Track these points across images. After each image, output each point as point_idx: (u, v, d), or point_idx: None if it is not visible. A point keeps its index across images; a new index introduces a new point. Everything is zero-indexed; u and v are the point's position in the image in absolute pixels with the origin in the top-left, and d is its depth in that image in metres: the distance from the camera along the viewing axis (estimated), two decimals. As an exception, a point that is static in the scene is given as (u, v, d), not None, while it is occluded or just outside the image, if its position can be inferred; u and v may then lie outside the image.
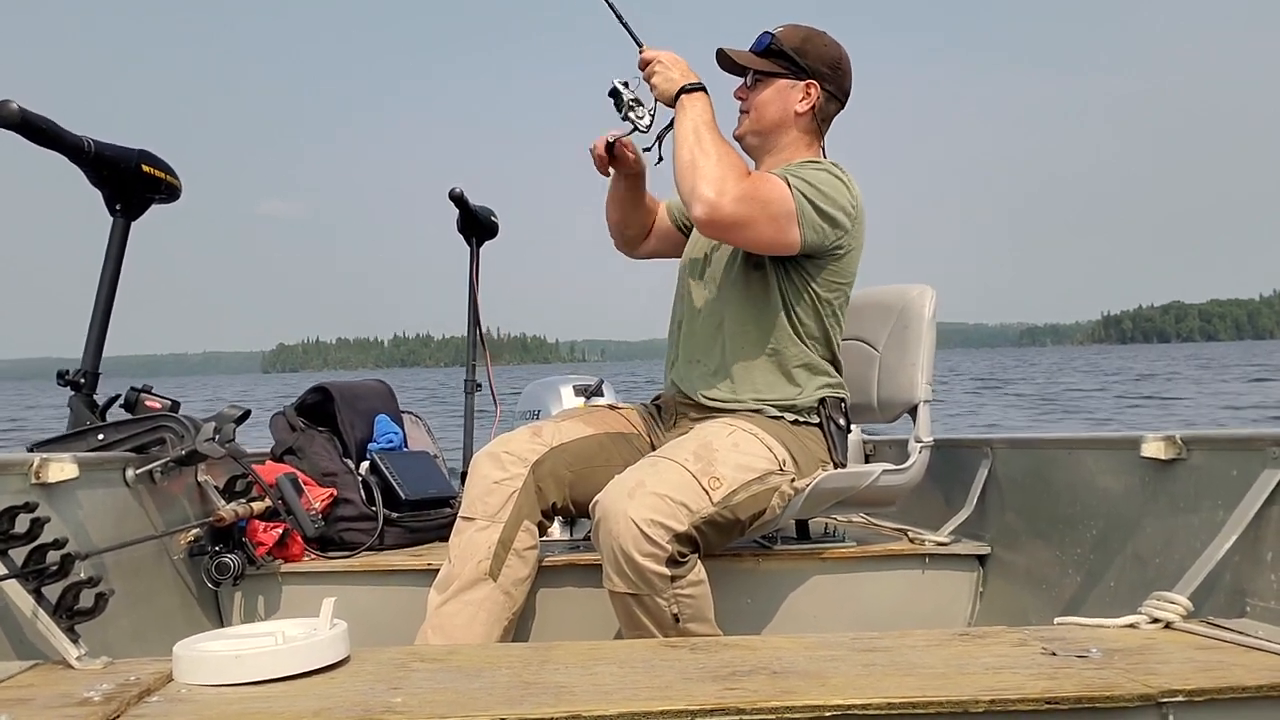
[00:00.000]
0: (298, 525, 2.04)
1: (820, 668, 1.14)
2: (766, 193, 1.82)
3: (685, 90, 1.87)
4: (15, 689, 1.12)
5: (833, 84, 2.02)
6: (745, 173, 1.82)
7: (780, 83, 2.01)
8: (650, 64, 1.92)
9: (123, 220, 2.13)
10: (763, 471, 1.82)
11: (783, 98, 2.01)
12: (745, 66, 2.03)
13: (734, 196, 1.78)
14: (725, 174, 1.79)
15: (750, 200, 1.79)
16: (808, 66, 2.00)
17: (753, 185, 1.81)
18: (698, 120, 1.84)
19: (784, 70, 2.00)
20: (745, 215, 1.79)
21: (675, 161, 1.85)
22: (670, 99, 1.89)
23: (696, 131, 1.83)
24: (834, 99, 2.04)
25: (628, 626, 1.72)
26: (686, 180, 1.82)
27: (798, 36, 2.01)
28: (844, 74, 2.04)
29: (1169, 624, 1.32)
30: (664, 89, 1.90)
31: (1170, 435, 1.61)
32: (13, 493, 1.43)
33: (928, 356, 2.15)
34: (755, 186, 1.81)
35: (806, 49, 2.00)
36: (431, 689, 1.09)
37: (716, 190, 1.77)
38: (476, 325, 2.89)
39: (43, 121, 1.90)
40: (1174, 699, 1.02)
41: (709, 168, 1.79)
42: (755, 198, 1.80)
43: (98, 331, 2.10)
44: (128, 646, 1.57)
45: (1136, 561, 1.67)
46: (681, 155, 1.83)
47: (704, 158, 1.80)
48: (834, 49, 2.03)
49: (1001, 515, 2.14)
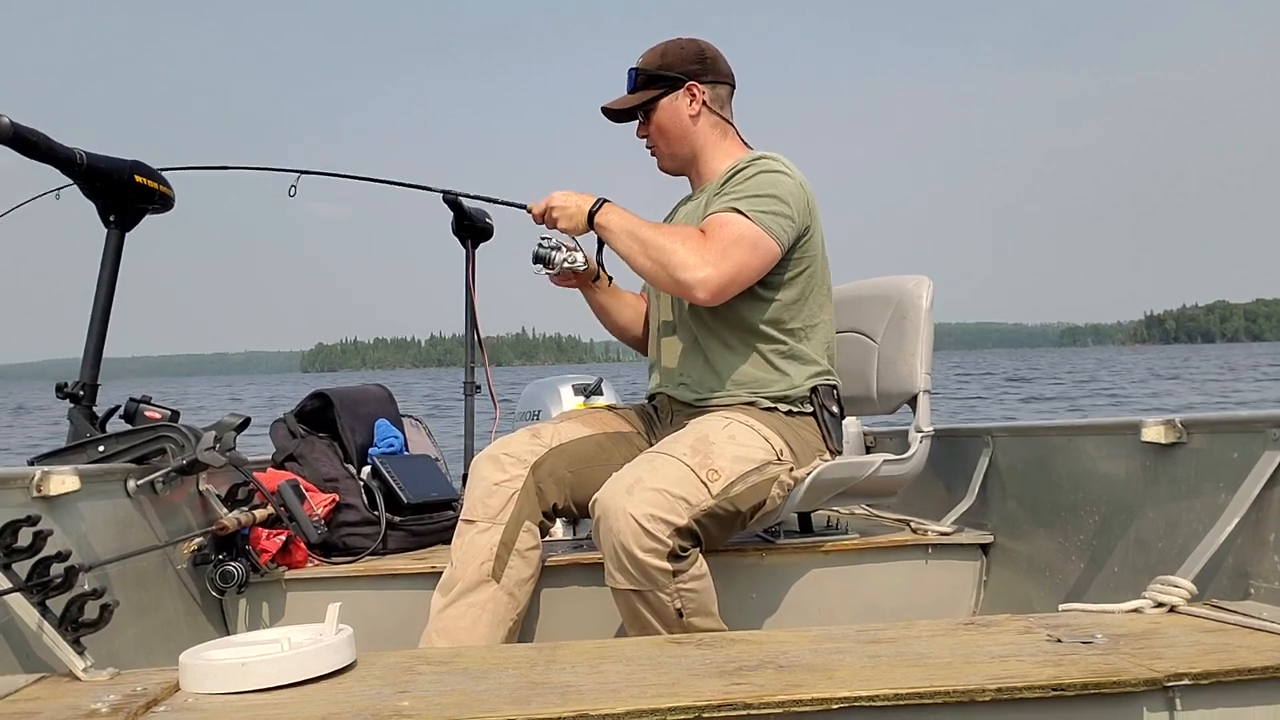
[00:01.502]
0: (300, 532, 2.04)
1: (826, 660, 1.14)
2: (729, 234, 1.85)
3: (593, 214, 1.94)
4: (23, 702, 1.12)
5: (708, 74, 2.06)
6: (700, 234, 1.87)
7: (664, 102, 2.05)
8: (546, 214, 1.99)
9: (117, 231, 2.13)
10: (761, 462, 1.83)
11: (674, 113, 2.05)
12: (632, 108, 2.08)
13: (713, 261, 1.83)
14: (688, 251, 1.84)
15: (725, 252, 1.84)
16: (679, 73, 2.04)
17: (716, 239, 1.85)
18: (624, 229, 1.91)
19: (662, 90, 2.05)
20: (733, 266, 1.84)
21: (640, 273, 1.93)
22: (584, 230, 1.97)
23: (633, 237, 1.90)
24: (718, 84, 2.07)
25: (631, 623, 1.73)
26: (664, 280, 1.89)
27: (656, 55, 2.07)
28: (713, 59, 2.08)
29: (1173, 608, 1.32)
30: (574, 225, 1.97)
31: (1170, 419, 1.61)
32: (14, 506, 1.43)
33: (926, 347, 2.15)
34: (718, 238, 1.85)
35: (668, 61, 2.05)
36: (438, 692, 1.09)
37: (696, 268, 1.83)
38: (473, 327, 2.89)
39: (34, 135, 1.89)
40: (1180, 682, 1.03)
41: (671, 257, 1.84)
42: (727, 247, 1.84)
43: (95, 343, 2.09)
44: (134, 657, 1.57)
45: (1139, 546, 1.67)
46: (641, 265, 1.90)
47: (659, 253, 1.86)
48: (690, 46, 2.07)
49: (1003, 504, 2.14)
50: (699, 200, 2.05)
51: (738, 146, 2.09)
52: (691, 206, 2.07)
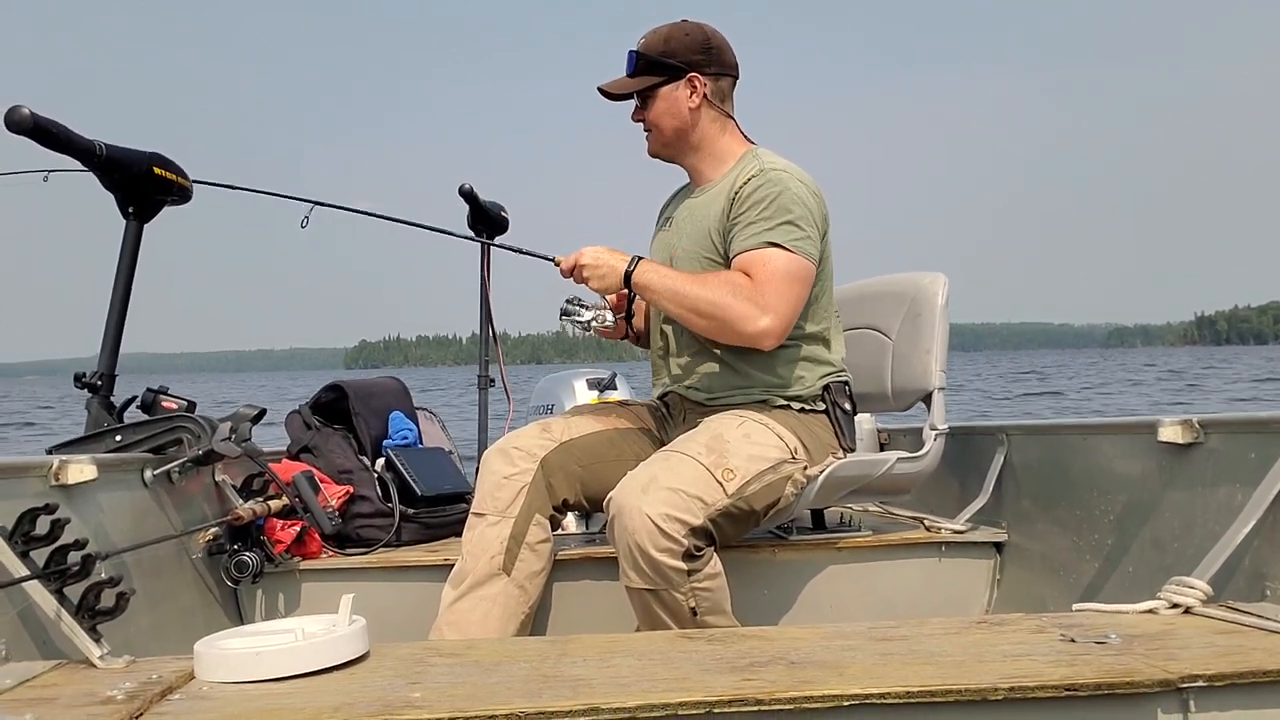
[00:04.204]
0: (315, 523, 2.05)
1: (838, 657, 1.14)
2: (777, 274, 1.84)
3: (629, 274, 1.88)
4: (40, 688, 1.13)
5: (712, 65, 2.00)
6: (745, 280, 1.85)
7: (664, 90, 1.99)
8: (576, 271, 1.92)
9: (135, 223, 2.14)
10: (775, 461, 1.82)
11: (673, 102, 2.00)
12: (630, 92, 2.03)
13: (771, 306, 1.82)
14: (741, 302, 1.82)
15: (779, 294, 1.83)
16: (681, 63, 1.99)
17: (766, 281, 1.83)
18: (667, 288, 1.87)
19: (662, 78, 1.99)
20: (789, 307, 1.85)
21: (695, 330, 1.92)
22: (617, 290, 1.92)
23: (679, 296, 1.86)
24: (721, 76, 2.02)
25: (645, 621, 1.73)
26: (725, 335, 1.88)
27: (659, 39, 2.00)
28: (718, 50, 2.02)
29: (1188, 609, 1.31)
30: (607, 285, 1.91)
31: (1187, 419, 1.60)
32: (33, 495, 1.45)
33: (941, 344, 2.14)
34: (768, 280, 1.84)
35: (672, 47, 1.99)
36: (450, 683, 1.09)
37: (756, 318, 1.82)
38: (488, 321, 2.89)
39: (54, 126, 1.91)
40: (1194, 684, 1.02)
41: (728, 312, 1.83)
42: (779, 288, 1.84)
43: (113, 334, 2.11)
44: (149, 645, 1.58)
45: (1155, 546, 1.66)
46: (695, 324, 1.89)
47: (713, 309, 1.84)
48: (697, 33, 2.01)
49: (1018, 502, 2.13)
50: (702, 199, 2.01)
51: (738, 142, 2.05)
52: (696, 205, 2.03)
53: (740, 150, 2.03)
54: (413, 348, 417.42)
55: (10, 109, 1.85)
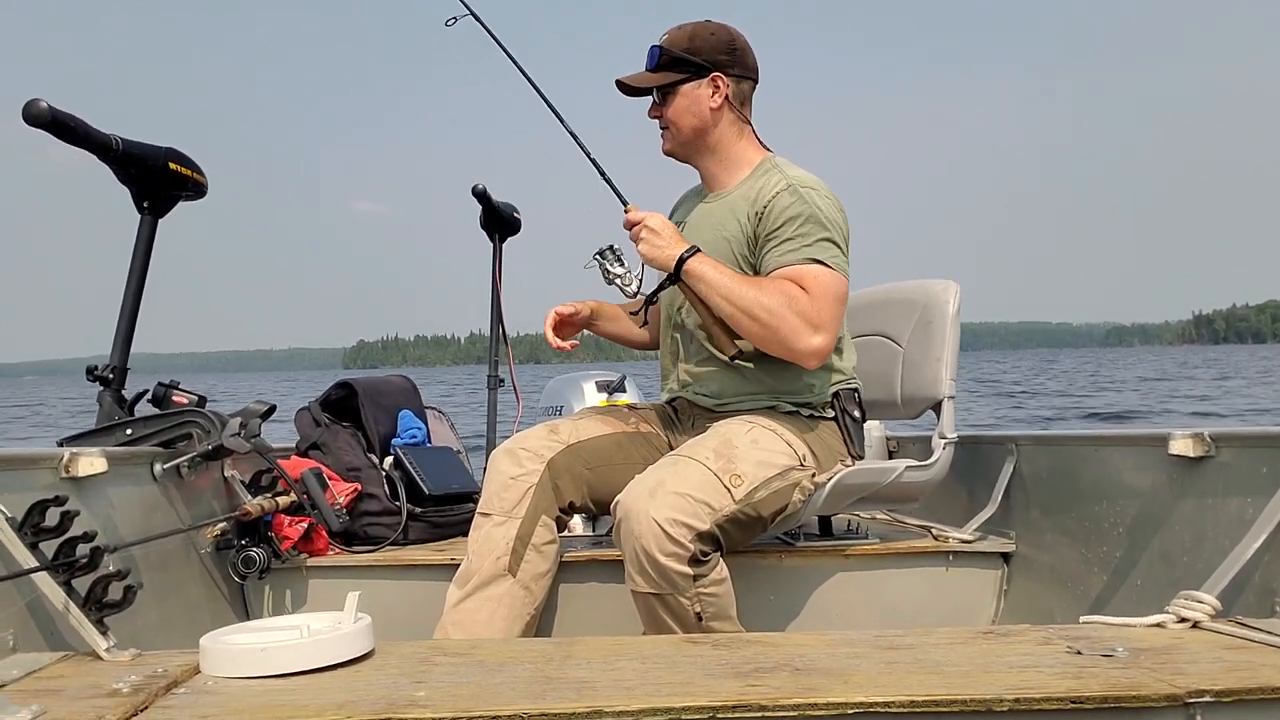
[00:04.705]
0: (323, 519, 2.06)
1: (843, 665, 1.14)
2: (828, 292, 1.82)
3: (684, 259, 1.83)
4: (46, 680, 1.14)
5: (736, 67, 1.97)
6: (801, 295, 1.81)
7: (686, 88, 1.96)
8: (637, 226, 1.88)
9: (150, 218, 2.16)
10: (784, 467, 1.82)
11: (694, 101, 1.96)
12: (649, 88, 1.99)
13: (822, 323, 1.80)
14: (796, 316, 1.79)
15: (831, 312, 1.82)
16: (705, 61, 1.95)
17: (819, 299, 1.81)
18: (721, 283, 1.82)
19: (684, 75, 1.96)
20: (835, 325, 1.84)
21: (740, 331, 1.85)
22: (665, 270, 1.87)
23: (731, 295, 1.80)
24: (743, 79, 1.99)
25: (650, 625, 1.72)
26: (772, 345, 1.83)
27: (684, 36, 1.97)
28: (742, 52, 1.99)
29: (1196, 623, 1.30)
30: (655, 257, 1.86)
31: (1199, 432, 1.59)
32: (43, 486, 1.46)
33: (952, 352, 2.14)
34: (820, 298, 1.81)
35: (697, 45, 1.96)
36: (454, 683, 1.09)
37: (810, 334, 1.79)
38: (499, 321, 2.90)
39: (71, 120, 1.92)
40: (1201, 699, 1.01)
41: (784, 324, 1.79)
42: (830, 306, 1.82)
43: (126, 328, 2.12)
44: (155, 639, 1.59)
45: (1163, 560, 1.65)
46: (745, 326, 1.82)
47: (769, 316, 1.79)
48: (722, 33, 1.97)
49: (1026, 513, 2.12)
50: (716, 206, 2.00)
51: (754, 149, 2.02)
52: (711, 211, 2.00)
53: (757, 158, 2.01)
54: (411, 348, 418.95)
55: (29, 102, 1.86)
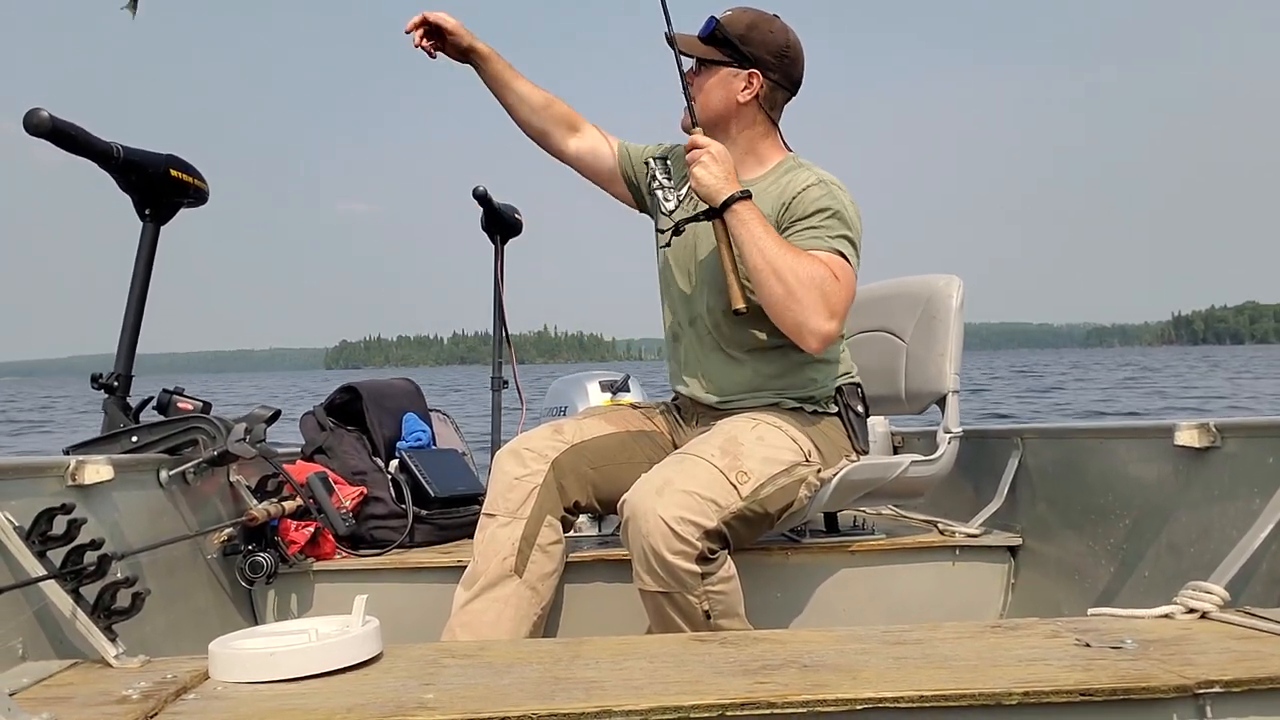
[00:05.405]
0: (329, 524, 2.06)
1: (851, 661, 1.14)
2: (848, 282, 1.81)
3: (733, 200, 1.79)
4: (56, 687, 1.14)
5: (777, 72, 1.94)
6: (830, 277, 1.77)
7: (723, 71, 1.93)
8: (699, 150, 1.83)
9: (152, 225, 2.16)
10: (789, 463, 1.82)
11: (725, 87, 1.93)
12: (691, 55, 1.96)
13: (839, 312, 1.78)
14: (821, 298, 1.75)
15: (845, 301, 1.80)
16: (750, 55, 1.92)
17: (845, 286, 1.79)
18: (762, 234, 1.77)
19: (727, 59, 1.94)
20: (844, 314, 1.81)
21: (761, 287, 1.78)
22: (713, 202, 1.81)
23: (766, 250, 1.75)
24: (780, 87, 1.96)
25: (659, 624, 1.72)
26: (784, 315, 1.78)
27: (743, 23, 1.93)
28: (791, 62, 1.96)
29: (1205, 614, 1.30)
30: (707, 185, 1.81)
31: (1204, 423, 1.59)
32: (50, 494, 1.46)
33: (956, 347, 2.14)
34: (846, 286, 1.80)
35: (751, 36, 1.92)
36: (463, 685, 1.09)
37: (826, 318, 1.76)
38: (501, 323, 2.90)
39: (72, 128, 1.93)
40: (1211, 690, 1.01)
41: (806, 296, 1.74)
42: (847, 295, 1.80)
43: (129, 335, 2.12)
44: (164, 645, 1.59)
45: (1171, 551, 1.65)
46: (768, 285, 1.76)
47: (798, 285, 1.74)
48: (780, 36, 1.94)
49: (1033, 506, 2.12)
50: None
51: (777, 149, 2.00)
52: None
53: (778, 156, 1.99)
54: (394, 348, 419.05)
55: (29, 112, 1.87)
